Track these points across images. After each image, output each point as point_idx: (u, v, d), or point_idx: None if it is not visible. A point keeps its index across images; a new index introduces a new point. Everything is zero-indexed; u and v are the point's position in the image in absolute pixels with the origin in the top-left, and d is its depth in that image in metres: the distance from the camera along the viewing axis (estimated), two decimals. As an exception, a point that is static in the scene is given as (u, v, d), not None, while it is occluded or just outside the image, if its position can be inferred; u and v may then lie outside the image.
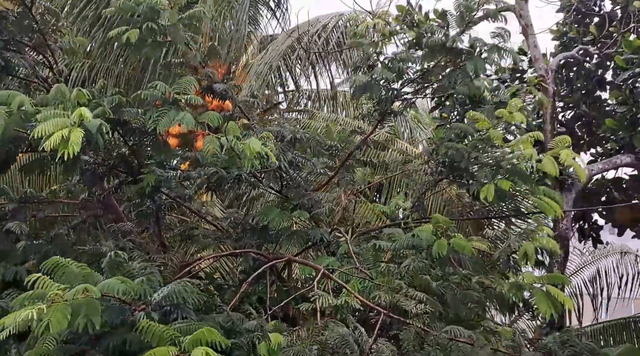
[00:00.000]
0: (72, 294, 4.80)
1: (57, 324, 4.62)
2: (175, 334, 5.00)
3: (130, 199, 8.95)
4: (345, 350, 5.93)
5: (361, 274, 7.34)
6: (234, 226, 9.03)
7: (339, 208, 9.43)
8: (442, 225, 7.19)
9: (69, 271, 5.21)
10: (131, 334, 5.08)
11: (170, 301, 5.46)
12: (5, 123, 5.93)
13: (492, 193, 7.13)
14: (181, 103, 6.61)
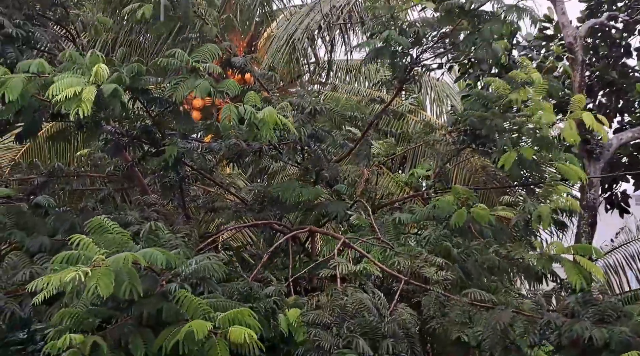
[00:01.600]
0: (117, 260, 4.83)
1: (105, 288, 4.67)
2: (207, 308, 5.08)
3: (154, 171, 9.06)
4: (363, 313, 5.95)
5: (382, 244, 7.36)
6: (256, 198, 9.10)
7: (361, 179, 9.43)
8: (462, 195, 7.16)
9: (109, 236, 5.26)
10: (167, 304, 5.15)
11: (197, 275, 5.55)
12: (23, 86, 5.98)
13: (511, 160, 7.06)
14: (200, 71, 6.59)
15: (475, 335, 6.04)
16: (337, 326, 5.97)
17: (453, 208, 7.05)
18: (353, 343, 5.77)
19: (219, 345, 4.89)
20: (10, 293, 6.09)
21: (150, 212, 7.56)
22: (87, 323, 5.29)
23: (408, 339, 6.00)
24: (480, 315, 6.19)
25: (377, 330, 5.95)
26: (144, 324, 5.29)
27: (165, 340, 4.99)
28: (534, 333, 6.04)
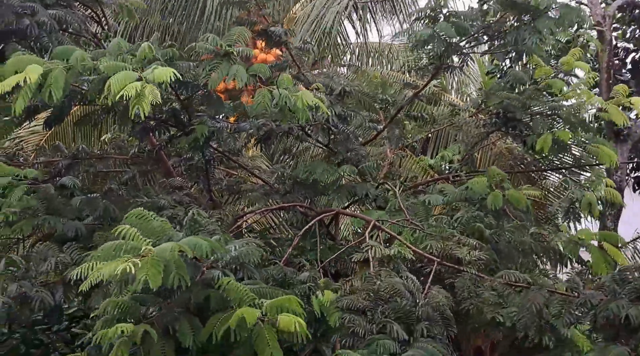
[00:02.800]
0: (165, 251, 4.80)
1: (154, 279, 4.66)
2: (252, 295, 5.06)
3: (179, 154, 9.02)
4: (396, 298, 5.91)
5: (412, 226, 7.31)
6: (281, 180, 9.05)
7: (385, 162, 9.36)
8: (496, 177, 7.09)
9: (151, 225, 5.24)
10: (214, 291, 5.13)
11: (237, 261, 5.53)
12: (65, 79, 5.95)
13: (549, 143, 6.99)
14: (233, 56, 6.52)
15: (509, 315, 5.99)
16: (371, 311, 5.93)
17: (486, 190, 6.98)
18: (387, 328, 5.73)
19: (268, 333, 4.86)
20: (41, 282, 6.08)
21: (182, 196, 7.51)
22: (133, 311, 5.29)
23: (443, 321, 5.95)
24: (514, 296, 6.13)
25: (411, 314, 5.91)
26: (190, 311, 5.27)
27: (215, 327, 4.94)
28: (569, 312, 5.98)
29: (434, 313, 5.92)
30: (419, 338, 5.73)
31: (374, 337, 5.62)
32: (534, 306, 5.88)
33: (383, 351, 5.40)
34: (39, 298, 5.98)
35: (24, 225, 6.91)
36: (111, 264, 4.65)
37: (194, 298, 5.15)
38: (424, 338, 5.71)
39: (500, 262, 6.84)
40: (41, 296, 5.98)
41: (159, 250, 4.80)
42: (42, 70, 5.91)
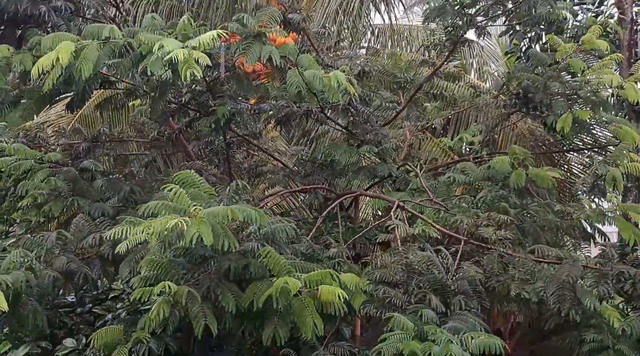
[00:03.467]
0: (217, 213, 4.82)
1: (208, 237, 4.70)
2: (289, 267, 5.14)
3: (199, 137, 9.03)
4: (432, 270, 5.91)
5: (436, 205, 7.28)
6: (301, 163, 9.05)
7: (404, 144, 9.32)
8: (519, 156, 7.05)
9: (194, 191, 5.25)
10: (253, 260, 5.17)
11: (270, 236, 5.61)
12: (98, 56, 5.96)
13: (570, 123, 6.93)
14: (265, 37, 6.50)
15: (536, 291, 5.97)
16: (405, 284, 5.94)
17: (509, 169, 6.94)
18: (426, 299, 5.75)
19: (308, 303, 4.95)
20: (78, 256, 6.12)
21: (208, 175, 7.53)
22: (173, 272, 5.32)
23: (477, 295, 5.95)
24: (544, 271, 6.11)
25: (446, 287, 5.93)
26: (230, 278, 5.35)
27: (255, 295, 5.00)
28: (604, 285, 5.96)
29: (469, 287, 5.94)
30: (457, 310, 5.76)
31: (417, 306, 5.67)
32: (570, 278, 5.86)
33: (427, 320, 5.43)
34: (82, 272, 6.00)
35: (52, 206, 6.96)
36: (162, 220, 4.67)
37: (234, 266, 5.20)
38: (461, 311, 5.74)
39: (527, 241, 6.80)
40: (84, 271, 6.00)
41: (210, 212, 4.83)
42: (74, 47, 5.92)
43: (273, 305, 4.91)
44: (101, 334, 5.47)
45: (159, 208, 4.92)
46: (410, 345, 5.09)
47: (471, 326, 5.48)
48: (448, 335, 5.22)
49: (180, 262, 5.39)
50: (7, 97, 7.68)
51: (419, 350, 5.02)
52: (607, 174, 6.64)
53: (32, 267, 5.63)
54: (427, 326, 5.31)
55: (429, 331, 5.24)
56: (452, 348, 4.99)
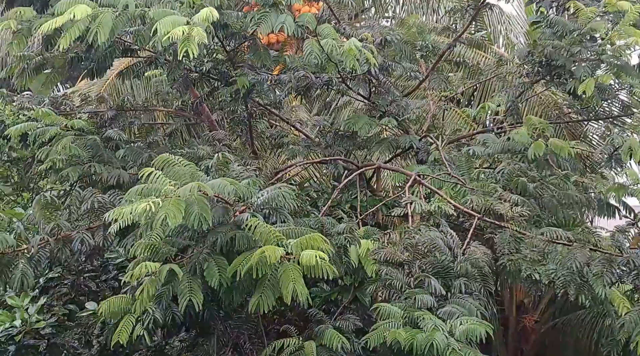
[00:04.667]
0: (186, 191, 4.89)
1: (174, 218, 4.76)
2: (279, 236, 5.09)
3: (222, 107, 9.08)
4: (435, 253, 5.89)
5: (454, 180, 7.23)
6: (323, 134, 9.05)
7: (427, 115, 9.24)
8: (537, 127, 6.94)
9: (177, 169, 5.33)
10: (239, 232, 5.20)
11: (269, 205, 5.57)
12: (113, 23, 6.02)
13: (592, 87, 6.78)
14: (281, 6, 6.48)
15: (547, 272, 5.91)
16: (409, 265, 5.92)
17: (529, 141, 6.84)
18: (425, 282, 5.73)
19: (292, 269, 4.90)
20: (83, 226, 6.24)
21: (221, 146, 7.58)
22: (163, 253, 5.41)
23: (481, 278, 5.91)
24: (555, 253, 6.04)
25: (449, 269, 5.90)
26: (218, 252, 5.36)
27: (239, 266, 5.02)
28: (611, 272, 5.87)
29: (472, 269, 5.89)
30: (457, 293, 5.74)
31: (412, 291, 5.64)
32: (575, 263, 5.79)
33: (421, 306, 5.41)
34: (79, 238, 6.11)
35: (70, 172, 7.08)
36: (134, 205, 4.76)
37: (221, 239, 5.23)
38: (462, 294, 5.71)
39: (544, 216, 6.73)
40: (81, 237, 6.13)
41: (181, 191, 4.88)
42: (91, 11, 6.00)
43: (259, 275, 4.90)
44: (109, 302, 5.58)
45: (142, 191, 5.00)
46: (395, 333, 5.06)
47: (467, 310, 5.45)
48: (437, 321, 5.18)
49: (174, 241, 5.45)
50: (30, 65, 7.85)
51: (402, 339, 4.99)
52: (624, 144, 6.50)
53: (20, 234, 5.77)
54: (417, 313, 5.28)
55: (419, 317, 5.22)
56: (436, 336, 4.95)
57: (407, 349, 5.00)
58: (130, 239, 5.68)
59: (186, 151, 7.18)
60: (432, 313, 5.36)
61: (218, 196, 5.32)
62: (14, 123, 8.29)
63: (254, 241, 5.23)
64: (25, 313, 7.40)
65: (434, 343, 4.90)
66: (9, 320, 7.34)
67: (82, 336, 8.00)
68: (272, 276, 5.08)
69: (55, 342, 7.81)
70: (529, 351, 12.32)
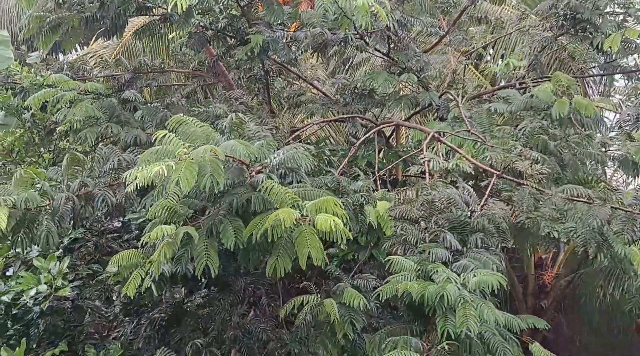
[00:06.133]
0: (198, 153, 4.83)
1: (187, 181, 4.70)
2: (294, 197, 5.04)
3: (238, 66, 8.99)
4: (451, 208, 5.82)
5: (473, 137, 7.12)
6: (340, 91, 8.94)
7: (448, 71, 9.07)
8: (563, 84, 6.77)
9: (191, 130, 5.27)
10: (255, 194, 5.14)
11: (285, 166, 5.50)
12: None
13: (618, 42, 6.58)
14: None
15: (566, 231, 5.82)
16: (425, 221, 5.87)
17: (553, 98, 6.68)
18: (440, 236, 5.67)
19: (307, 232, 4.86)
20: (105, 183, 6.23)
21: (237, 105, 7.52)
22: (180, 214, 5.37)
23: (499, 233, 5.85)
24: (574, 211, 5.95)
25: (465, 225, 5.83)
26: (234, 214, 5.31)
27: (255, 229, 5.00)
28: (632, 230, 5.77)
29: (489, 225, 5.81)
30: (473, 248, 5.66)
31: (426, 245, 5.58)
32: (596, 221, 5.70)
33: (435, 259, 5.35)
34: (102, 196, 6.12)
35: (88, 132, 7.09)
36: (148, 167, 4.73)
37: (237, 201, 5.18)
38: (477, 249, 5.64)
39: (564, 174, 6.62)
40: (103, 195, 6.13)
41: (195, 153, 4.82)
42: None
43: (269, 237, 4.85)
44: (120, 257, 5.58)
45: (157, 153, 4.95)
46: (407, 285, 5.00)
47: (482, 263, 5.37)
48: (451, 273, 5.10)
49: (191, 202, 5.41)
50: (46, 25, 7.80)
51: (414, 290, 4.92)
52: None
53: (45, 191, 5.75)
54: (430, 266, 5.20)
55: (432, 270, 5.15)
56: (448, 287, 4.87)
57: (418, 301, 4.95)
58: (149, 199, 5.65)
59: (203, 109, 7.13)
60: (447, 266, 5.30)
61: (233, 157, 5.27)
62: (31, 86, 8.31)
63: (269, 203, 5.19)
64: (49, 275, 7.49)
65: (445, 294, 4.84)
66: (35, 282, 7.43)
67: (102, 294, 8.11)
68: (288, 238, 5.05)
69: (79, 304, 7.93)
70: (548, 307, 12.36)
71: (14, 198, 5.48)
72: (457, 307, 4.81)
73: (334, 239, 4.92)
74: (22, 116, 9.07)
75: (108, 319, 8.30)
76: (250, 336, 6.95)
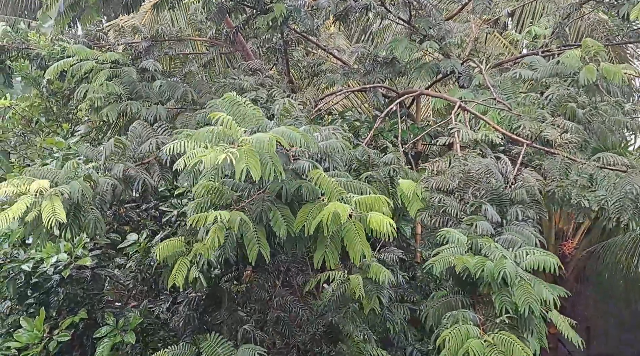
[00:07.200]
0: (260, 141, 4.67)
1: (255, 170, 4.58)
2: (341, 190, 4.95)
3: (257, 36, 8.87)
4: (490, 179, 5.71)
5: (499, 105, 7.00)
6: (361, 60, 8.81)
7: (470, 38, 8.92)
8: (591, 50, 6.62)
9: (243, 111, 5.12)
10: (305, 183, 5.03)
11: (323, 152, 5.42)
12: None
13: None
14: None
15: (597, 199, 5.72)
16: (461, 192, 5.76)
17: (580, 64, 6.54)
18: (482, 209, 5.54)
19: (358, 228, 4.81)
20: (137, 162, 6.15)
21: (264, 78, 7.42)
22: (226, 197, 5.26)
23: (535, 205, 5.75)
24: (606, 178, 5.84)
25: (503, 196, 5.69)
26: (283, 200, 5.20)
27: (306, 220, 4.89)
28: None
29: (526, 196, 5.69)
30: (513, 220, 5.55)
31: (472, 217, 5.46)
32: (634, 188, 5.58)
33: (481, 233, 5.26)
34: (141, 178, 5.99)
35: (109, 110, 7.03)
36: (211, 152, 4.55)
37: (287, 188, 5.06)
38: (518, 222, 5.54)
39: (592, 142, 6.50)
40: (143, 177, 5.99)
41: (256, 141, 4.68)
42: None
43: (324, 231, 4.74)
44: (163, 246, 5.49)
45: (211, 135, 4.78)
46: (463, 259, 4.91)
47: (527, 238, 5.28)
48: (502, 249, 5.02)
49: (233, 182, 5.26)
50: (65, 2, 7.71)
51: (471, 266, 4.83)
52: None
53: (90, 176, 5.68)
54: (481, 240, 5.10)
55: (483, 244, 5.05)
56: (506, 265, 4.78)
57: (476, 276, 4.86)
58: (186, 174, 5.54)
59: (228, 82, 7.02)
60: (493, 241, 5.21)
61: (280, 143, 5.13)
62: (49, 55, 8.25)
63: (317, 192, 5.07)
64: (69, 244, 7.48)
65: (505, 271, 4.77)
66: (55, 251, 7.43)
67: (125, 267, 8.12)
68: (337, 232, 4.94)
69: (98, 273, 7.94)
70: (568, 277, 12.33)
71: (69, 188, 5.31)
72: (514, 285, 4.78)
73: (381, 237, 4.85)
74: (39, 85, 9.04)
75: (127, 288, 8.33)
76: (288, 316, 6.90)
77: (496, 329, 4.76)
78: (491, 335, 4.71)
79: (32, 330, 7.25)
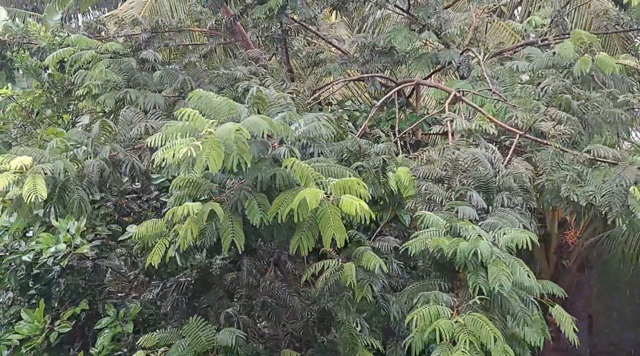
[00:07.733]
0: (223, 132, 4.69)
1: (214, 162, 4.60)
2: (318, 175, 4.95)
3: (256, 25, 8.87)
4: (478, 167, 5.73)
5: (495, 96, 6.99)
6: (360, 50, 8.80)
7: (469, 28, 8.89)
8: (585, 41, 6.59)
9: (213, 103, 5.13)
10: (279, 170, 5.04)
11: (306, 136, 5.39)
12: None
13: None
14: None
15: (585, 194, 5.68)
16: (449, 180, 5.80)
17: (575, 55, 6.51)
18: (466, 195, 5.58)
19: (331, 213, 4.79)
20: (129, 147, 6.18)
21: (257, 67, 7.43)
22: (204, 188, 5.31)
23: (524, 193, 5.77)
24: (598, 172, 5.81)
25: (491, 184, 5.72)
26: (258, 190, 5.20)
27: (280, 208, 4.92)
28: None
29: (514, 184, 5.72)
30: (498, 207, 5.57)
31: (454, 202, 5.50)
32: (624, 181, 5.56)
33: (462, 217, 5.29)
34: (130, 161, 6.03)
35: (107, 98, 7.06)
36: (175, 147, 4.62)
37: (262, 175, 5.09)
38: (503, 208, 5.55)
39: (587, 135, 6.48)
40: (131, 160, 6.03)
41: (220, 132, 4.71)
42: None
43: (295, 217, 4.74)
44: (144, 226, 5.52)
45: (179, 130, 4.79)
46: (437, 240, 4.94)
47: (509, 222, 5.29)
48: (480, 230, 5.02)
49: (213, 175, 5.28)
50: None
51: (445, 246, 4.86)
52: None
53: (75, 156, 5.69)
54: (460, 222, 5.12)
55: (462, 227, 5.06)
56: (480, 244, 4.78)
57: (449, 257, 4.89)
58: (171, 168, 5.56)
59: (222, 72, 7.04)
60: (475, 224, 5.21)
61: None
62: (50, 46, 8.29)
63: (293, 179, 5.06)
64: (68, 235, 7.55)
65: (478, 250, 4.77)
66: (54, 242, 7.50)
67: (127, 258, 8.18)
68: (312, 217, 4.92)
69: (99, 264, 8.00)
70: (571, 267, 12.33)
71: (51, 166, 5.34)
72: (489, 264, 4.76)
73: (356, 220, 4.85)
74: (40, 76, 9.09)
75: (128, 279, 8.39)
76: (277, 302, 6.95)
77: (468, 311, 4.73)
78: (463, 316, 4.69)
79: (32, 321, 7.34)
